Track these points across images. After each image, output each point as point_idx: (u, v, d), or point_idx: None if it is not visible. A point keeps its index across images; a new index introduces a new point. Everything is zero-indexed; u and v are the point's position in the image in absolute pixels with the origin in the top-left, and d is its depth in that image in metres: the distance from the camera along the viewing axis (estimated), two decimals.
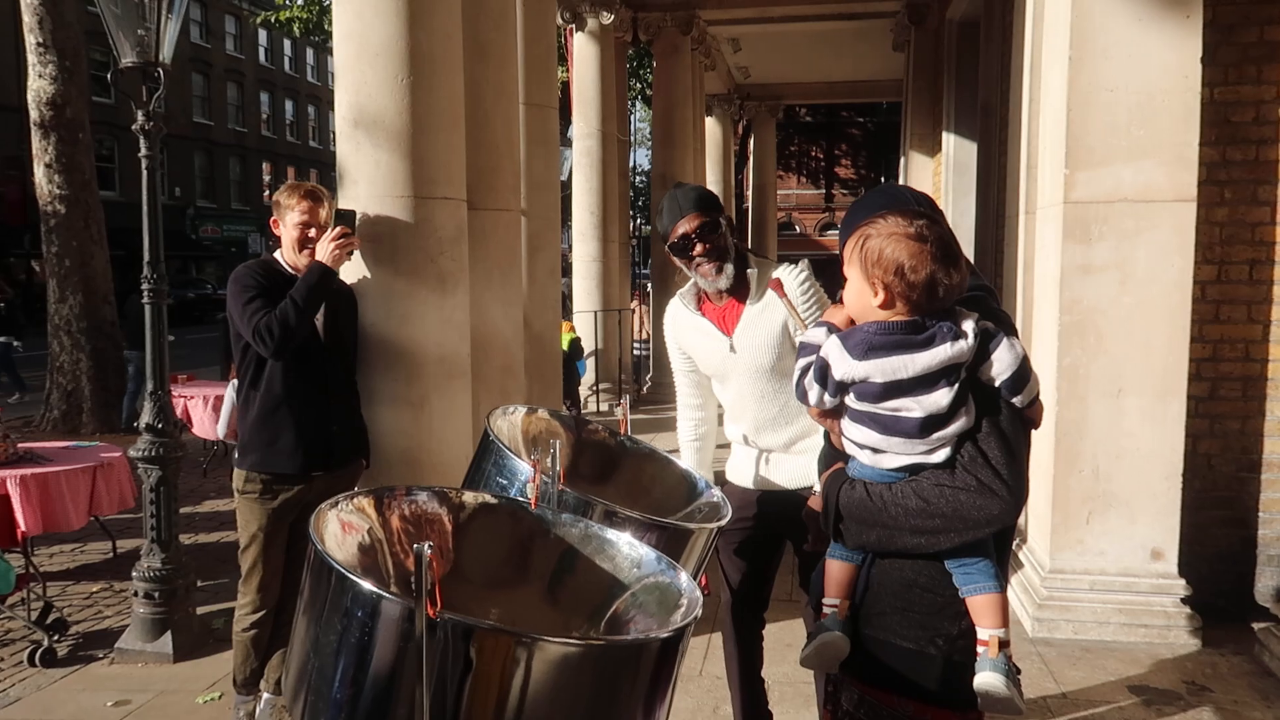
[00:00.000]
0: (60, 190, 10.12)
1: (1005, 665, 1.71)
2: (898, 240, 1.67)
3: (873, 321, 1.72)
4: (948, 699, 1.77)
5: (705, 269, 2.69)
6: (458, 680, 1.37)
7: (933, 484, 1.71)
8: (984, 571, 1.74)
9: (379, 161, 3.61)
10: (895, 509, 1.73)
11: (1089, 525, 4.24)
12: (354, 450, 3.59)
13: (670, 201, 2.75)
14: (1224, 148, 4.42)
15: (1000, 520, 1.69)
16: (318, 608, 1.48)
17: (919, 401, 1.69)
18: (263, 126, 41.77)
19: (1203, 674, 3.84)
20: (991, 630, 1.72)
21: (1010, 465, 1.69)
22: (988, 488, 1.68)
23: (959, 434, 1.71)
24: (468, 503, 1.92)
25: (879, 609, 1.79)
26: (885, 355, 1.69)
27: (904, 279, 1.66)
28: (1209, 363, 4.49)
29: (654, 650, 1.56)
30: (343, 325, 3.56)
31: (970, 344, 1.67)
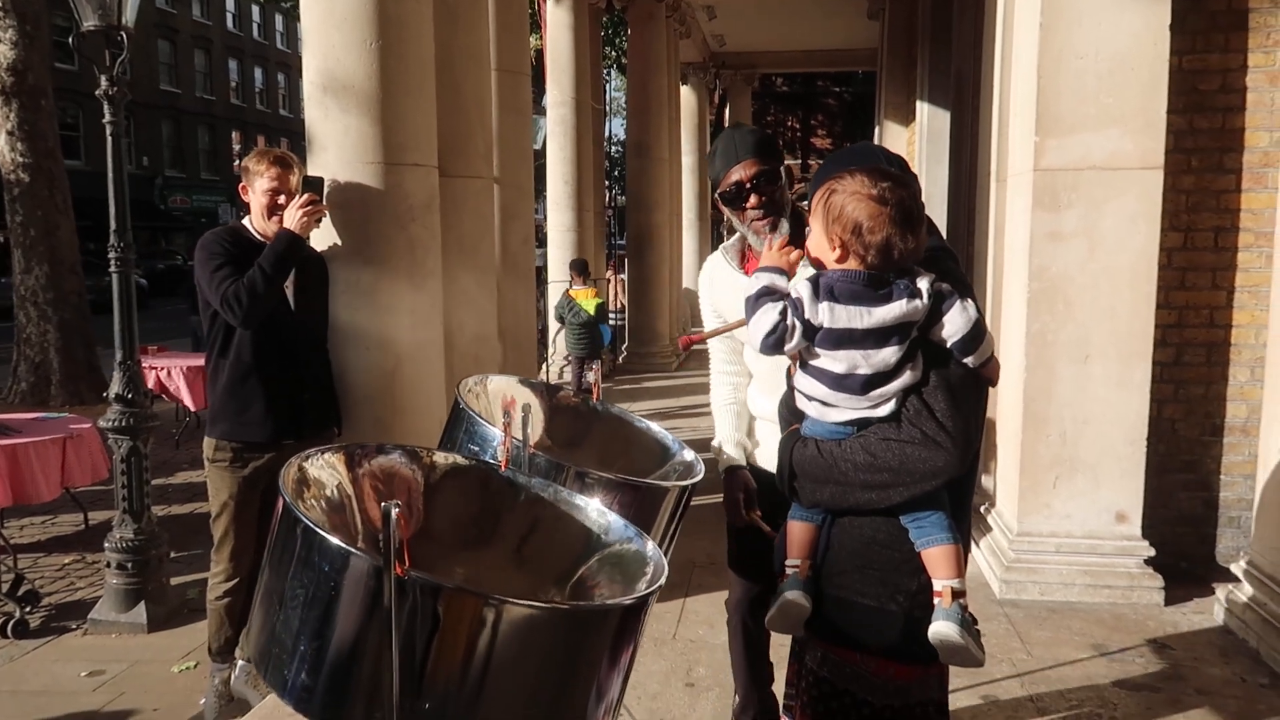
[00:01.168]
0: (23, 158, 9.93)
1: (960, 615, 1.72)
2: (859, 200, 1.69)
3: (837, 269, 1.75)
4: (909, 653, 1.80)
5: (758, 224, 2.39)
6: (425, 639, 1.39)
7: (879, 439, 1.74)
8: (937, 524, 1.76)
9: (348, 127, 3.57)
10: (845, 464, 1.75)
11: (1055, 489, 4.31)
12: (325, 418, 3.58)
13: (726, 143, 2.44)
14: (1191, 116, 4.46)
15: (945, 472, 1.71)
16: (285, 562, 1.49)
17: (867, 356, 1.71)
18: (231, 94, 41.07)
19: (1164, 633, 3.94)
20: (946, 581, 1.74)
21: (955, 418, 1.71)
22: (932, 440, 1.70)
23: (904, 389, 1.73)
24: (438, 463, 1.93)
25: (839, 568, 1.82)
26: (843, 304, 1.71)
27: (860, 238, 1.69)
28: (1174, 329, 4.55)
29: (617, 616, 1.59)
30: (313, 293, 3.53)
31: (924, 303, 1.70)
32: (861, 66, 20.01)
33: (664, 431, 2.66)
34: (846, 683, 1.81)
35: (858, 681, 1.80)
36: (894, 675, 1.81)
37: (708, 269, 2.66)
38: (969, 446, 1.73)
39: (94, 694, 3.95)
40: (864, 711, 1.80)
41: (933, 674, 1.85)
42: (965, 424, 1.72)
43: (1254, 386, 4.48)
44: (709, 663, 3.59)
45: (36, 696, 3.92)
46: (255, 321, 3.30)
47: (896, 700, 1.81)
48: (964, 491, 1.88)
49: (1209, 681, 3.51)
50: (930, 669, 1.83)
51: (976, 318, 1.72)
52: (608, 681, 1.58)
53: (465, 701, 1.42)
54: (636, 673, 3.53)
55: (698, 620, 3.99)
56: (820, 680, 1.85)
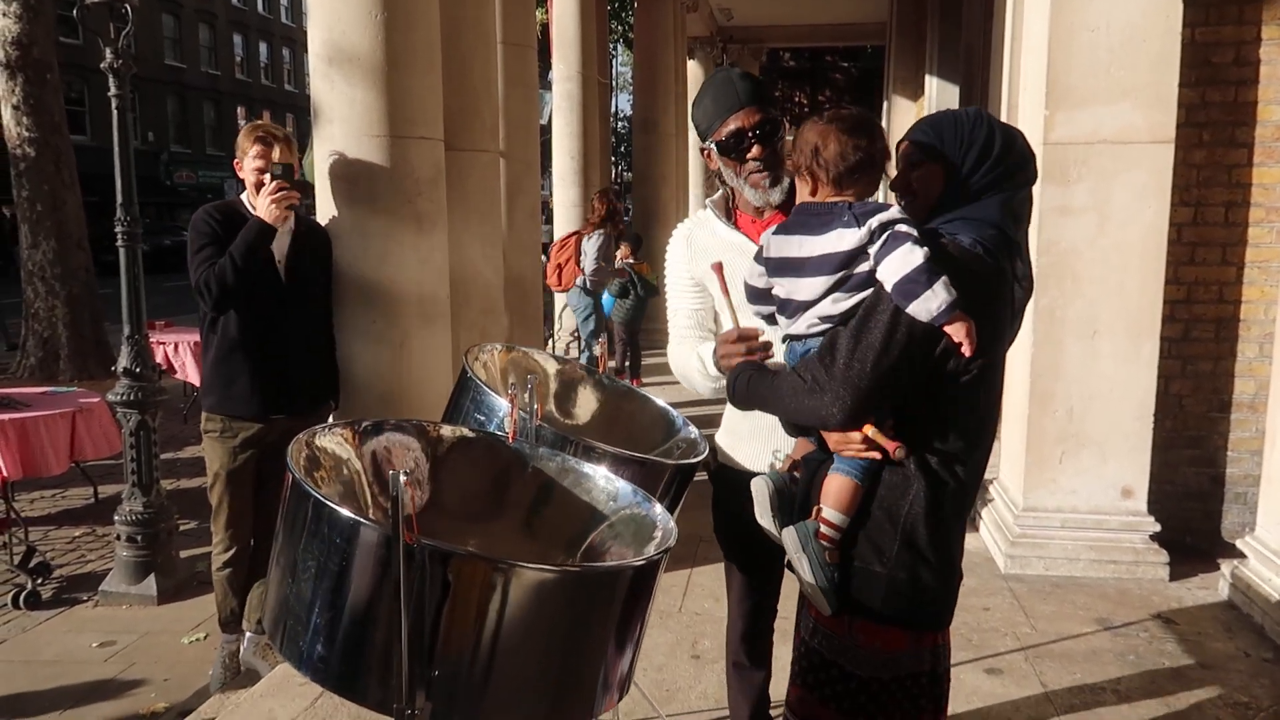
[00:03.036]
0: (29, 133, 9.91)
1: (812, 532, 1.77)
2: (810, 129, 1.78)
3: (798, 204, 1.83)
4: (893, 617, 1.78)
5: (757, 178, 2.16)
6: (435, 605, 1.40)
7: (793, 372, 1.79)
8: (853, 463, 1.76)
9: (354, 100, 3.56)
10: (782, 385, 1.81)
11: (1062, 465, 4.31)
12: (317, 394, 3.57)
13: (722, 87, 2.17)
14: (1203, 89, 4.41)
15: (829, 422, 1.71)
16: (296, 535, 1.50)
17: (795, 284, 1.77)
18: (237, 69, 40.89)
19: (1169, 608, 3.95)
20: (826, 507, 1.77)
21: (848, 364, 1.66)
22: (816, 386, 1.70)
23: (822, 316, 1.75)
24: (446, 436, 1.94)
25: None
26: (790, 233, 1.78)
27: (818, 158, 1.75)
28: (1183, 304, 4.53)
29: (628, 578, 1.59)
30: (308, 266, 3.50)
31: (859, 235, 1.67)
32: (870, 41, 19.83)
33: (669, 406, 2.66)
34: (835, 655, 1.81)
35: (845, 654, 1.80)
36: (881, 646, 1.79)
37: (683, 235, 2.35)
38: (859, 400, 1.66)
39: (105, 664, 3.99)
40: (851, 684, 1.80)
41: (925, 646, 1.83)
42: (862, 375, 1.65)
43: (1262, 363, 4.47)
44: (714, 635, 3.61)
45: (49, 666, 3.97)
46: (227, 307, 3.32)
47: (885, 673, 1.79)
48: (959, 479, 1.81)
49: (1213, 656, 3.52)
50: (922, 640, 1.82)
51: (921, 264, 1.60)
52: (620, 646, 1.59)
53: (478, 669, 1.43)
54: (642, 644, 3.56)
55: (703, 593, 4.01)
56: (811, 651, 1.86)
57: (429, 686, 1.41)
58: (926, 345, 1.66)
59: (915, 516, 1.75)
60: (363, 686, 1.47)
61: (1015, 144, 1.79)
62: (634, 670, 1.68)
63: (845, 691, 1.80)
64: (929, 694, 1.83)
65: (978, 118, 1.79)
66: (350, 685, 1.48)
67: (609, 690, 1.60)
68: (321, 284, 3.57)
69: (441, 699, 1.43)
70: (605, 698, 1.59)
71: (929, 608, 1.81)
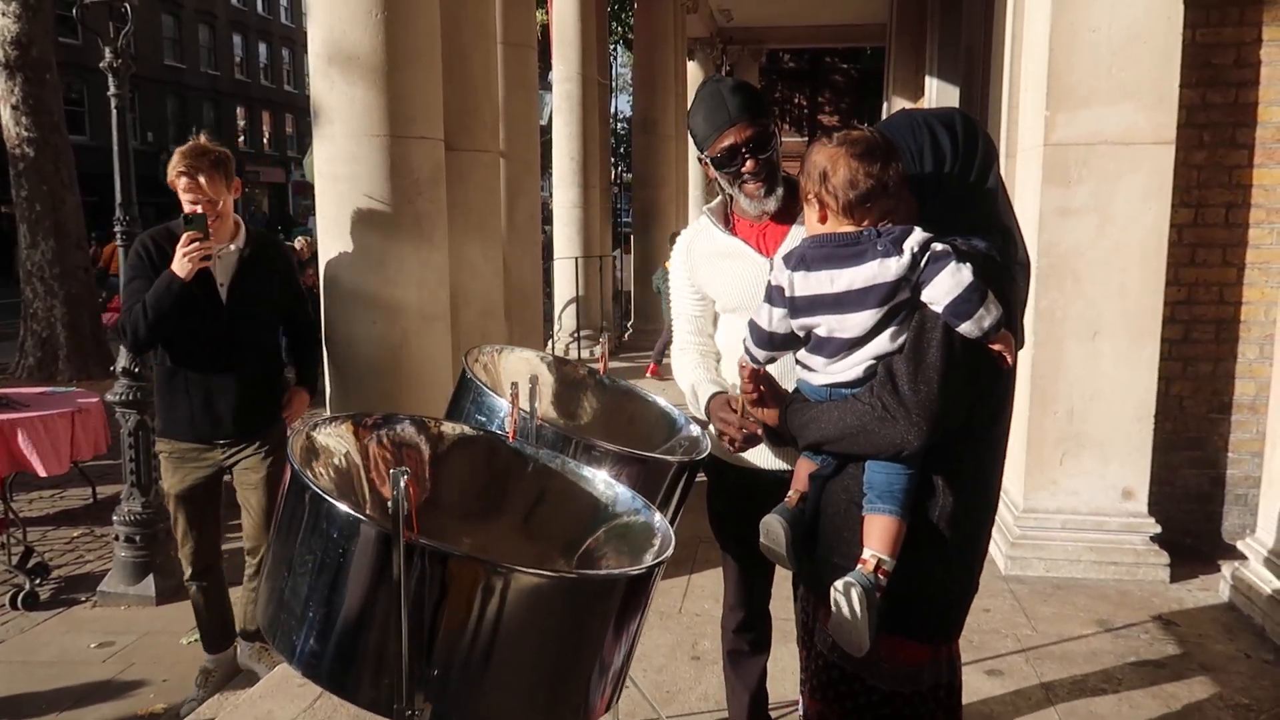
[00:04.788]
0: (28, 132, 9.91)
1: (871, 583, 1.64)
2: (818, 152, 1.68)
3: (813, 236, 1.71)
4: (921, 631, 1.75)
5: (752, 188, 2.21)
6: (433, 606, 1.39)
7: (850, 401, 1.69)
8: (887, 493, 1.68)
9: (354, 99, 3.55)
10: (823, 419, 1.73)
11: (1062, 466, 4.30)
12: (256, 420, 3.40)
13: (712, 101, 2.20)
14: (1204, 90, 4.41)
15: (905, 447, 1.63)
16: (294, 529, 1.49)
17: (842, 320, 1.65)
18: (236, 70, 40.87)
19: (1170, 609, 3.94)
20: (873, 551, 1.67)
21: (917, 389, 1.61)
22: (889, 414, 1.62)
23: (875, 356, 1.66)
24: (446, 433, 1.93)
25: (832, 538, 1.77)
26: (815, 269, 1.67)
27: (827, 185, 1.65)
28: (1183, 305, 4.52)
29: (624, 586, 1.59)
30: (255, 285, 3.36)
31: (903, 262, 1.59)
32: (870, 42, 19.85)
33: (671, 406, 2.65)
34: (857, 669, 1.76)
35: (867, 669, 1.75)
36: (905, 660, 1.75)
37: (685, 241, 2.43)
38: (934, 422, 1.61)
39: (104, 664, 3.98)
40: (873, 698, 1.76)
41: (943, 657, 1.80)
42: (931, 397, 1.61)
43: (1263, 364, 4.46)
44: (714, 636, 3.58)
45: (48, 667, 3.96)
46: (146, 350, 3.38)
47: (907, 686, 1.75)
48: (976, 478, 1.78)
49: (1214, 657, 3.52)
50: (940, 650, 1.79)
51: (972, 283, 1.57)
52: (614, 652, 1.58)
53: (473, 668, 1.42)
54: (642, 645, 3.55)
55: (703, 595, 4.00)
56: (830, 665, 1.80)
57: (427, 687, 1.41)
58: (977, 361, 1.63)
59: (943, 530, 1.71)
60: (354, 684, 1.47)
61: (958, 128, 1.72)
62: (625, 676, 1.67)
63: (867, 705, 1.76)
64: (946, 705, 1.80)
65: (902, 126, 1.74)
66: (342, 682, 1.47)
67: (602, 694, 1.59)
68: (273, 301, 3.44)
69: (437, 699, 1.42)
70: (598, 701, 1.58)
71: (953, 621, 1.80)
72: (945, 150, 1.70)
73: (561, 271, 11.09)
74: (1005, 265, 1.69)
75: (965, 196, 1.71)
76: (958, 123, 1.73)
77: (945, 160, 1.70)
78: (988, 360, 1.64)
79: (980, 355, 1.63)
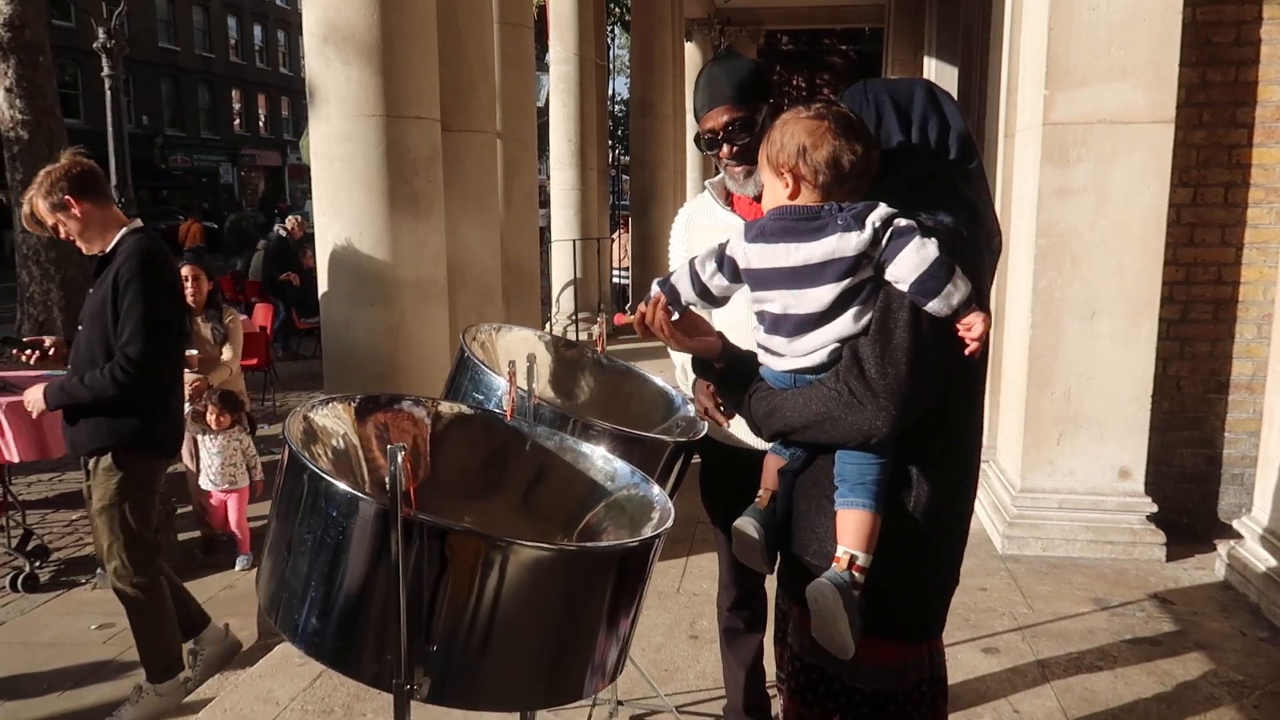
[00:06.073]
0: (22, 115, 9.85)
1: (847, 582, 1.56)
2: (795, 123, 1.58)
3: (775, 209, 1.62)
4: (902, 630, 1.68)
5: (734, 170, 2.24)
6: (433, 582, 1.39)
7: (816, 387, 1.61)
8: (860, 486, 1.61)
9: (349, 79, 3.54)
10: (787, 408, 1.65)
11: (1059, 446, 4.31)
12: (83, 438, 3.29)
13: (706, 81, 2.23)
14: (1204, 69, 4.39)
15: (874, 434, 1.56)
16: (292, 509, 1.49)
17: (799, 296, 1.57)
18: (231, 52, 40.65)
19: (1166, 588, 3.96)
20: (847, 548, 1.59)
21: (885, 373, 1.53)
22: (856, 400, 1.55)
23: (840, 339, 1.58)
24: (444, 412, 1.93)
25: (805, 536, 1.70)
26: (773, 241, 1.58)
27: (806, 160, 1.56)
28: (1181, 286, 4.52)
29: (624, 558, 1.59)
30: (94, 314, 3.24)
31: (864, 237, 1.51)
32: (868, 23, 19.75)
33: (668, 386, 2.65)
34: (837, 669, 1.68)
35: (847, 669, 1.66)
36: (886, 660, 1.67)
37: (686, 214, 2.46)
38: (903, 406, 1.54)
39: (104, 646, 4.00)
40: (854, 698, 1.68)
41: (925, 652, 1.73)
42: (900, 380, 1.53)
43: (1260, 344, 4.47)
44: (712, 616, 3.59)
45: (48, 648, 3.97)
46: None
47: (889, 684, 1.68)
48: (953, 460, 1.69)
49: (1209, 635, 3.54)
50: (922, 647, 1.72)
51: (937, 257, 1.49)
52: (615, 625, 1.58)
53: (473, 643, 1.43)
54: (641, 624, 3.55)
55: (701, 574, 4.02)
56: (809, 667, 1.72)
57: (426, 661, 1.41)
58: (948, 341, 1.55)
59: (920, 522, 1.64)
60: (356, 661, 1.47)
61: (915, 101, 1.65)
62: (628, 650, 1.67)
63: (849, 705, 1.69)
64: (929, 700, 1.74)
65: (850, 100, 1.67)
66: (344, 659, 1.48)
67: (603, 669, 1.59)
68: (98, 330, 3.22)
69: (437, 674, 1.43)
70: (598, 676, 1.58)
71: (935, 616, 1.73)
72: (892, 129, 1.63)
73: (559, 253, 11.07)
74: (972, 241, 1.61)
75: (925, 172, 1.64)
76: (917, 96, 1.66)
77: (892, 139, 1.63)
78: (959, 340, 1.55)
79: (952, 335, 1.54)
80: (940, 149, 1.64)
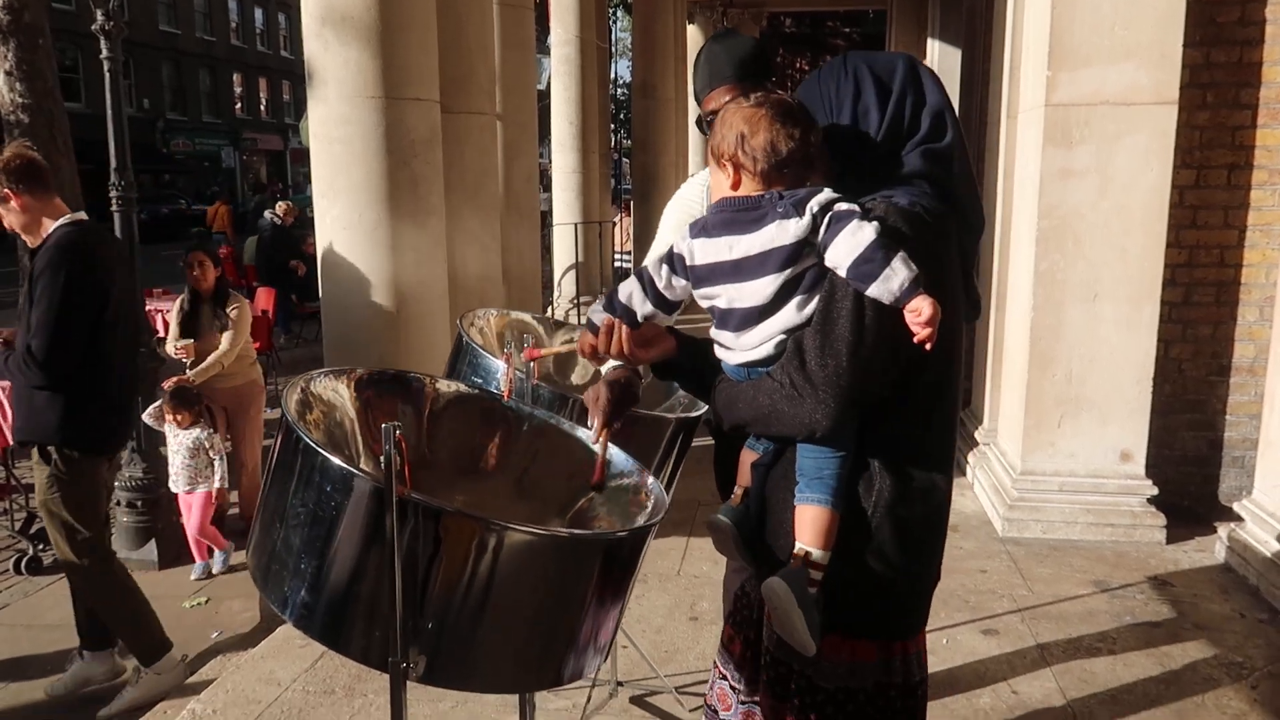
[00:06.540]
0: (22, 98, 9.80)
1: (802, 580, 1.54)
2: (734, 115, 1.57)
3: (716, 200, 1.59)
4: (862, 629, 1.64)
5: None
6: (426, 561, 1.39)
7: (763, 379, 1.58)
8: (818, 482, 1.57)
9: (348, 60, 3.52)
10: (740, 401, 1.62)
11: (1060, 428, 4.30)
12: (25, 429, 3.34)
13: (706, 60, 2.18)
14: (1208, 49, 4.36)
15: (814, 428, 1.52)
16: (286, 481, 1.49)
17: (740, 289, 1.54)
18: (232, 35, 40.48)
19: (1166, 570, 3.96)
20: (805, 545, 1.56)
21: (824, 364, 1.49)
22: (796, 392, 1.51)
23: (785, 330, 1.54)
24: (442, 391, 1.93)
25: (777, 532, 1.66)
26: (715, 235, 1.56)
27: (744, 147, 1.54)
28: (1184, 268, 4.51)
29: (615, 546, 1.59)
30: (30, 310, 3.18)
31: (803, 224, 1.48)
32: (871, 5, 19.61)
33: None
34: (803, 665, 1.64)
35: (810, 665, 1.63)
36: (845, 657, 1.63)
37: (687, 193, 2.37)
38: (843, 398, 1.49)
39: None
40: (818, 696, 1.65)
41: (895, 654, 1.66)
42: (840, 371, 1.48)
43: (1262, 326, 4.45)
44: (712, 598, 3.63)
45: (51, 630, 3.99)
46: None
47: (852, 682, 1.64)
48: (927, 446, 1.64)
49: (1208, 617, 3.54)
50: (891, 649, 1.66)
51: (872, 241, 1.44)
52: (605, 610, 1.58)
53: (465, 623, 1.43)
54: (641, 606, 3.58)
55: (701, 557, 4.02)
56: (778, 662, 1.69)
57: (420, 639, 1.42)
58: (897, 328, 1.47)
59: (879, 519, 1.58)
60: (346, 637, 1.48)
61: (896, 75, 1.60)
62: (616, 634, 1.67)
63: (813, 704, 1.65)
64: (900, 707, 1.67)
65: (830, 73, 1.63)
66: (334, 635, 1.48)
67: (593, 653, 1.60)
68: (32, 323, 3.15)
69: (430, 652, 1.43)
70: (588, 660, 1.59)
71: (899, 617, 1.66)
72: (870, 104, 1.59)
73: (561, 237, 11.05)
74: (932, 223, 1.55)
75: (894, 154, 1.59)
76: (899, 69, 1.62)
77: (869, 114, 1.59)
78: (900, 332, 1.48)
79: (900, 320, 1.47)
80: (911, 125, 1.60)
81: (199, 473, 4.54)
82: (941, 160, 1.60)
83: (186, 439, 4.52)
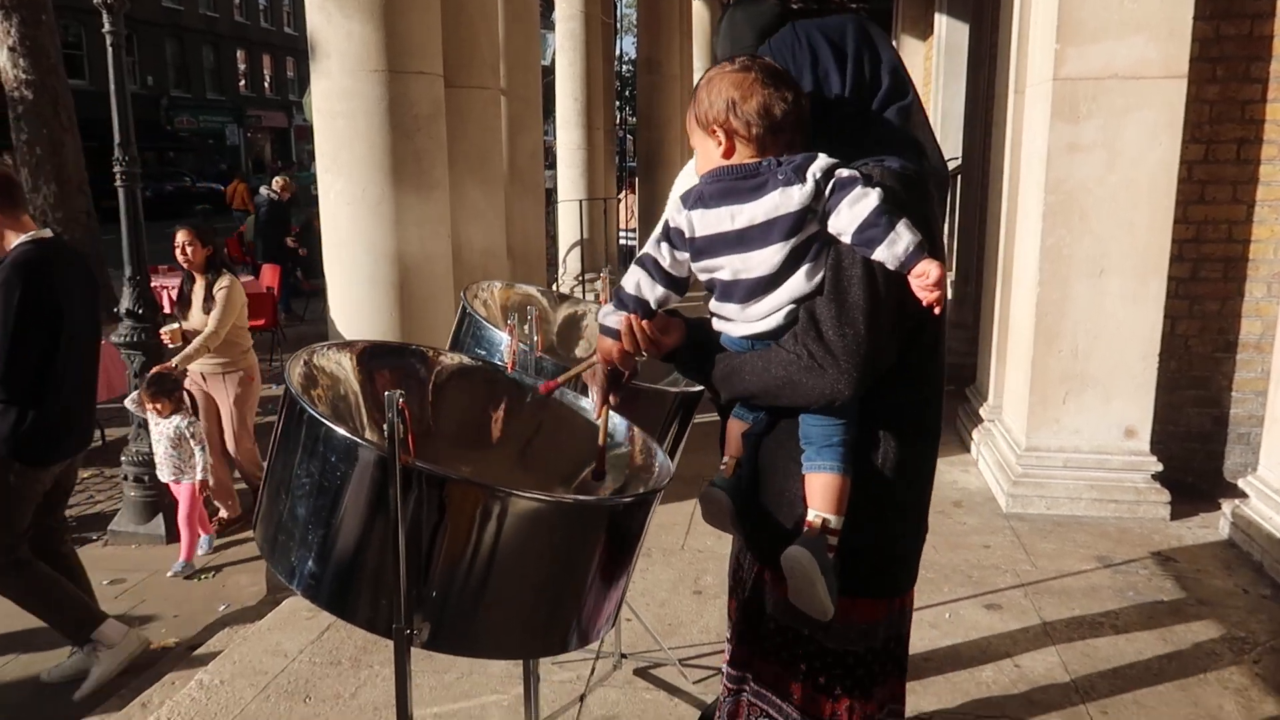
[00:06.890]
0: (26, 75, 9.81)
1: (821, 546, 1.55)
2: (721, 79, 1.54)
3: (711, 170, 1.56)
4: (874, 589, 1.67)
5: None
6: (430, 530, 1.40)
7: (775, 351, 1.57)
8: (828, 450, 1.58)
9: (351, 33, 3.50)
10: (745, 370, 1.61)
11: (1065, 404, 4.30)
12: None
13: (728, 28, 2.17)
14: (1218, 22, 4.31)
15: (835, 397, 1.52)
16: (290, 452, 1.50)
17: (745, 259, 1.51)
18: (235, 11, 40.28)
19: (1169, 546, 3.96)
20: (819, 512, 1.57)
21: (843, 333, 1.49)
22: (817, 364, 1.50)
23: (794, 300, 1.52)
24: (445, 363, 1.93)
25: (774, 498, 1.67)
26: (714, 205, 1.53)
27: (737, 113, 1.51)
28: (1191, 244, 4.48)
29: (620, 513, 1.60)
30: None
31: (807, 190, 1.46)
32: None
33: None
34: (811, 630, 1.67)
35: (819, 629, 1.65)
36: (858, 619, 1.66)
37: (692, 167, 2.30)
38: (865, 366, 1.50)
39: (116, 600, 4.05)
40: (827, 659, 1.68)
41: (896, 609, 1.72)
42: (859, 340, 1.49)
43: (1270, 302, 4.43)
44: (717, 571, 3.65)
45: None
46: None
47: (860, 645, 1.68)
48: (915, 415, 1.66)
49: (1212, 593, 3.55)
50: (894, 604, 1.71)
51: (876, 206, 1.44)
52: (610, 578, 1.59)
53: (470, 590, 1.44)
54: (645, 580, 3.60)
55: (705, 531, 4.03)
56: (783, 628, 1.71)
57: (425, 607, 1.42)
58: (903, 292, 1.48)
59: (888, 480, 1.61)
60: (353, 605, 1.48)
61: (848, 36, 1.60)
62: (621, 603, 1.68)
63: (822, 666, 1.69)
64: (894, 656, 1.75)
65: (784, 42, 1.62)
66: (341, 603, 1.49)
67: (598, 621, 1.60)
68: None
69: (435, 620, 1.44)
70: (594, 627, 1.60)
71: (906, 573, 1.72)
72: (828, 68, 1.58)
73: (566, 214, 11.01)
74: (920, 183, 1.55)
75: (862, 114, 1.58)
76: (849, 30, 1.61)
77: (830, 78, 1.58)
78: (916, 292, 1.48)
79: (908, 287, 1.48)
80: (872, 83, 1.59)
81: (184, 463, 4.42)
82: (912, 116, 1.61)
83: (167, 428, 4.39)
